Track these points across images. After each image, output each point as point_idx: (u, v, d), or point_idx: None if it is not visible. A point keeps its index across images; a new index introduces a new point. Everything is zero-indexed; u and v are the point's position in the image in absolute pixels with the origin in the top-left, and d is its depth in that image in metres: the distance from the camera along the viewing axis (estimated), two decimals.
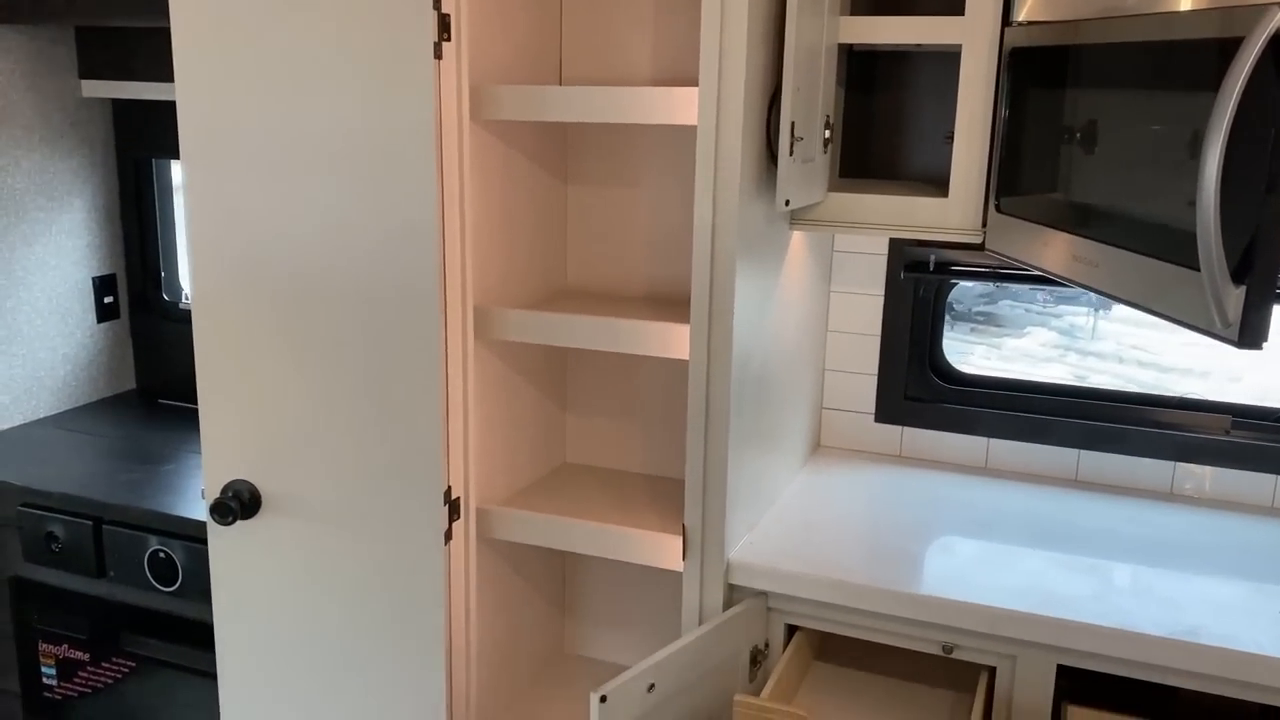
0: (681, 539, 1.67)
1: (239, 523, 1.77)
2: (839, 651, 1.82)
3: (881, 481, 1.98)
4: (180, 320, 2.75)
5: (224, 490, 1.75)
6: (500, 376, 1.89)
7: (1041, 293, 4.36)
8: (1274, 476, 1.87)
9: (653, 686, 1.46)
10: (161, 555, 2.11)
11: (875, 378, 2.09)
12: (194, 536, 2.07)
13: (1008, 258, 1.55)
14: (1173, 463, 1.92)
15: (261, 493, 1.76)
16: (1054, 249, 1.42)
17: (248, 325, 1.72)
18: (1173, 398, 1.95)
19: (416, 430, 1.68)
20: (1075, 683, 1.58)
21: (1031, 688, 1.52)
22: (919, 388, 2.07)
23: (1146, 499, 1.92)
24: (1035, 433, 1.99)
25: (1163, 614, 1.49)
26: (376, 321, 1.66)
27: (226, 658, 1.86)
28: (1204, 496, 1.91)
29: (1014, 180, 1.53)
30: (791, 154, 1.51)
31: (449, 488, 1.74)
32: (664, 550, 1.72)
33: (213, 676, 2.19)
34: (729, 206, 1.51)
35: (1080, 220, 1.36)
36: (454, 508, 1.77)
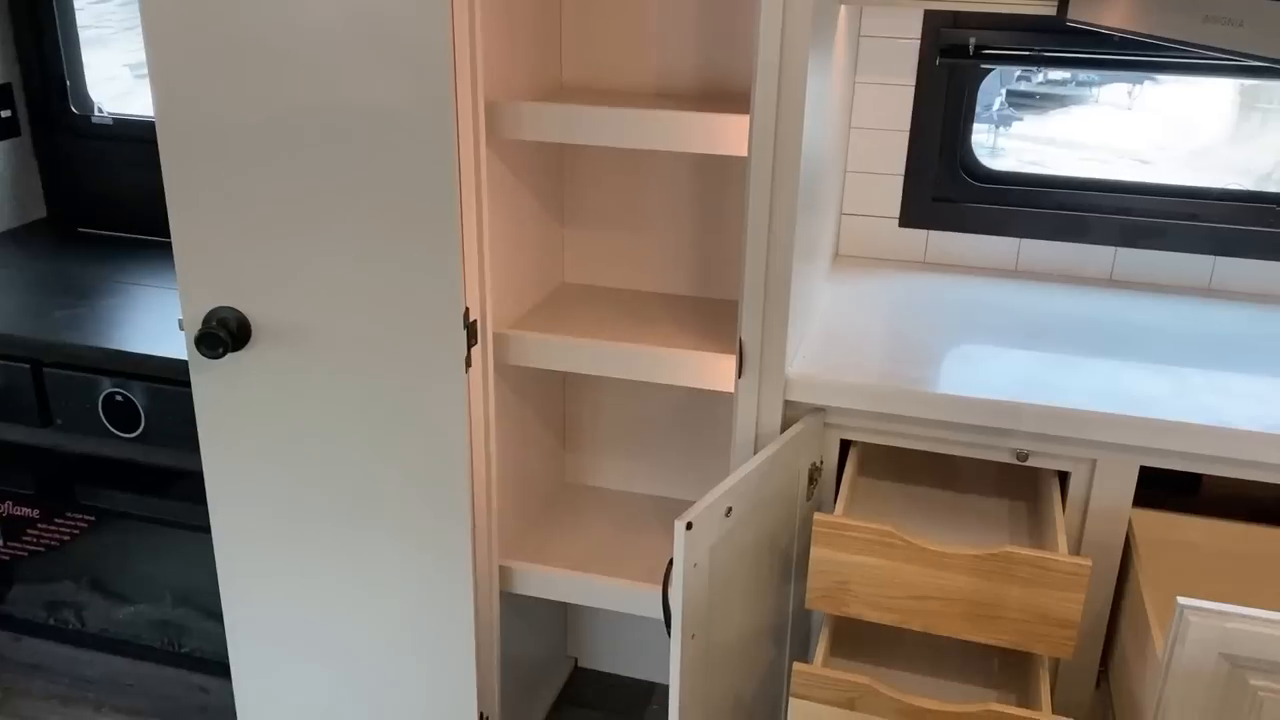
0: (736, 357, 1.52)
1: (228, 356, 1.55)
2: (877, 465, 1.73)
3: (914, 289, 1.86)
4: (94, 136, 2.41)
5: (207, 320, 1.53)
6: (505, 184, 1.68)
7: None
8: None
9: (730, 510, 1.35)
10: (119, 399, 1.88)
11: (901, 178, 1.94)
12: (157, 376, 1.85)
13: (1100, 28, 1.39)
14: (1212, 257, 1.85)
15: (251, 321, 1.54)
16: (1171, 11, 1.27)
17: (224, 131, 1.46)
18: (1215, 189, 1.86)
19: (431, 244, 1.48)
20: None
21: (1111, 491, 1.46)
22: (948, 187, 1.93)
23: (1186, 296, 1.85)
24: (1073, 231, 1.89)
25: (1251, 409, 1.43)
26: (379, 119, 1.42)
27: (220, 510, 1.68)
28: (1244, 291, 1.85)
29: None
30: None
31: (466, 309, 1.55)
32: (712, 370, 1.58)
33: (185, 526, 2.01)
34: None
35: None
36: (471, 332, 1.58)
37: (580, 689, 2.28)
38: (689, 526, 1.26)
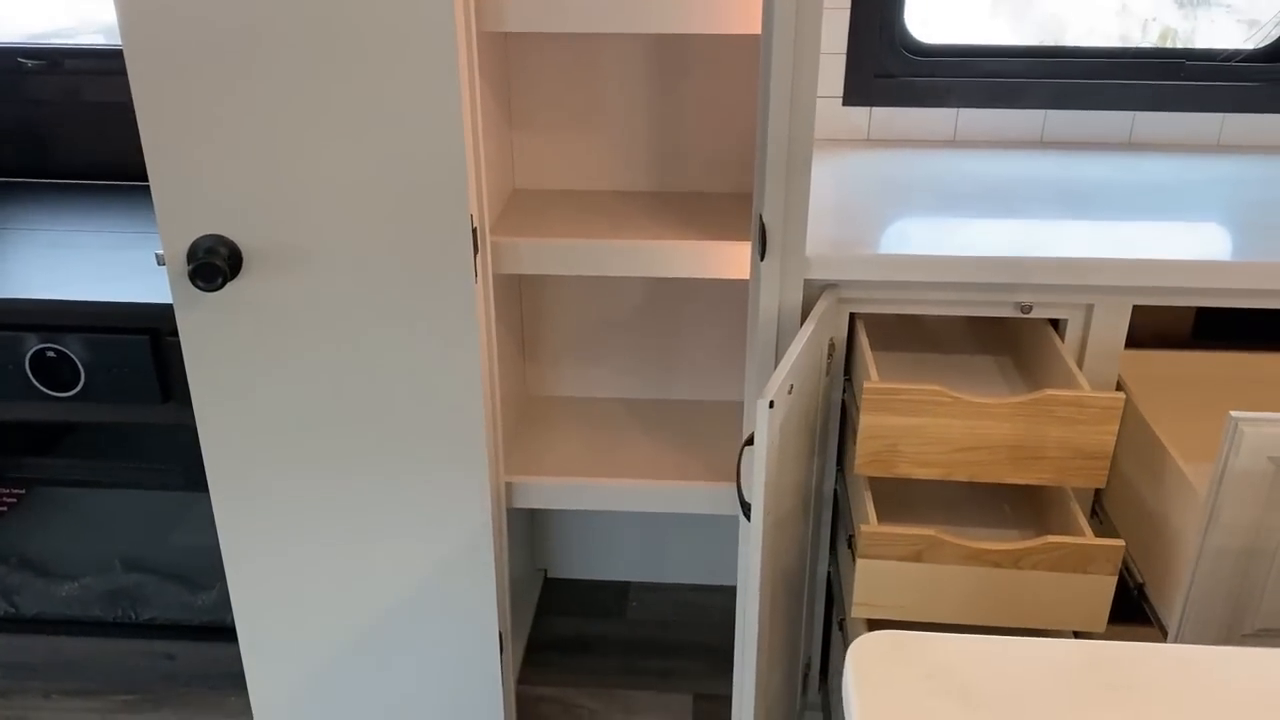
0: (757, 240, 1.52)
1: (227, 288, 1.42)
2: (873, 336, 1.79)
3: (869, 165, 1.91)
4: None
5: (194, 251, 1.39)
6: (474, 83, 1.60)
7: None
8: (1221, 116, 1.97)
9: (792, 388, 1.37)
10: (50, 355, 1.70)
11: (843, 56, 1.97)
12: (96, 326, 1.68)
13: None
14: (1132, 113, 1.98)
15: (242, 248, 1.42)
16: None
17: (202, 36, 1.32)
18: (1131, 49, 1.98)
19: (436, 147, 1.40)
20: None
21: (1107, 332, 1.57)
22: (890, 63, 1.97)
23: (1111, 151, 1.98)
24: (1008, 97, 1.98)
25: (1226, 243, 1.56)
26: (373, 8, 1.32)
27: (217, 460, 1.55)
28: (1160, 142, 2.00)
29: None
30: None
31: (470, 215, 1.48)
32: (727, 257, 1.58)
33: (136, 486, 1.86)
34: None
35: None
36: (474, 240, 1.51)
37: (556, 599, 2.28)
38: (770, 404, 1.27)
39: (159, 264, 1.41)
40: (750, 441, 1.32)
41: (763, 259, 1.51)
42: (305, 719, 1.72)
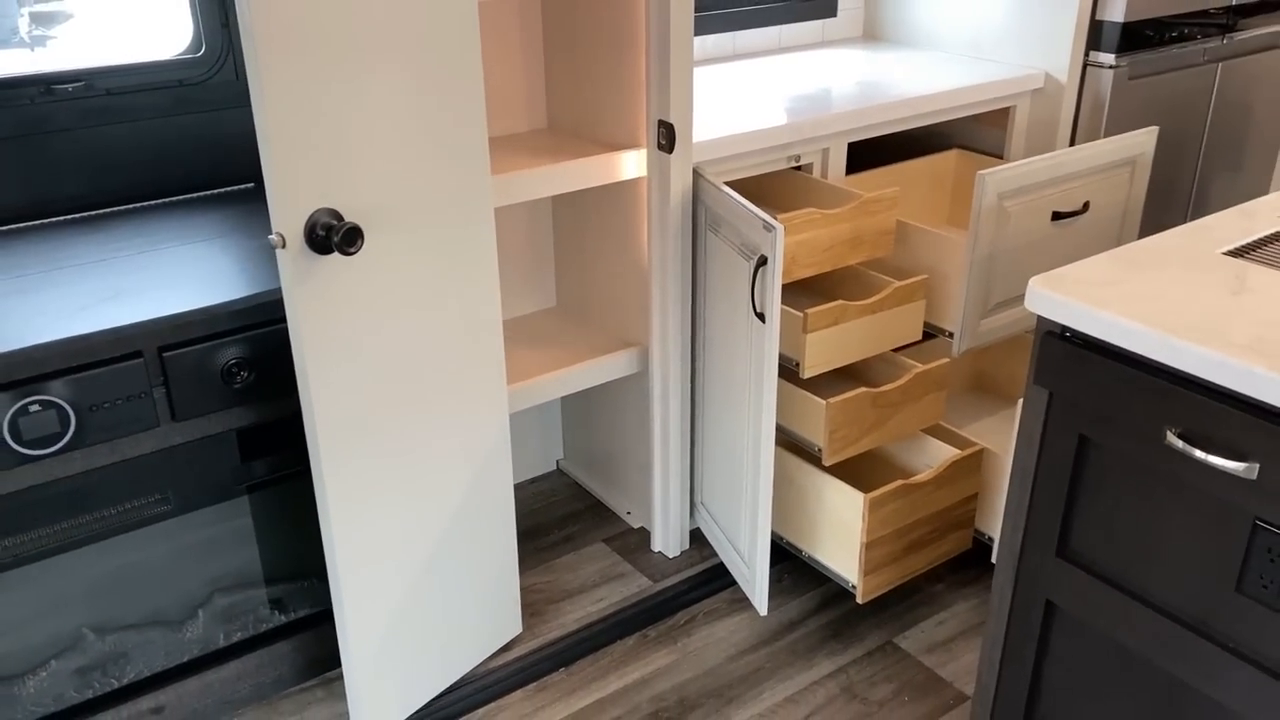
0: (660, 139, 2.01)
1: (331, 257, 1.53)
2: None
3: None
4: None
5: (313, 225, 1.49)
6: None
7: None
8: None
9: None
10: (34, 409, 1.57)
11: None
12: (90, 362, 1.60)
13: None
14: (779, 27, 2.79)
15: (344, 215, 1.55)
16: None
17: (320, 37, 1.43)
18: None
19: (464, 113, 1.67)
20: None
21: (835, 165, 2.35)
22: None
23: (812, 49, 2.77)
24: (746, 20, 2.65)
25: (889, 93, 2.42)
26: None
27: (327, 426, 1.62)
28: (805, 43, 2.84)
29: None
30: None
31: None
32: (619, 164, 2.05)
33: (103, 534, 1.74)
34: None
35: None
36: None
37: None
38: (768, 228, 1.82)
39: (274, 246, 1.48)
40: (763, 263, 1.85)
41: (670, 153, 2.02)
42: (389, 630, 1.85)
